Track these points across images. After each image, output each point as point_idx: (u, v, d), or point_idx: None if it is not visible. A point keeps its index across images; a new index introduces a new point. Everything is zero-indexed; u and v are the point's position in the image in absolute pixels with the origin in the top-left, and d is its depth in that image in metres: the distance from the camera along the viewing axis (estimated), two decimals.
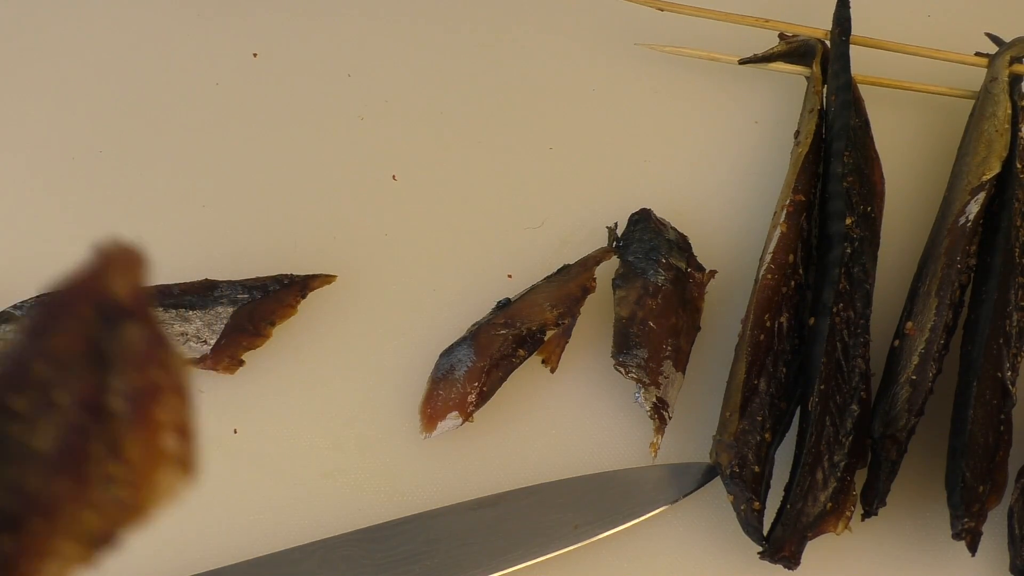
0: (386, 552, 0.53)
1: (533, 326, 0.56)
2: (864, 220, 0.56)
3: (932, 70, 0.65)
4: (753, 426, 0.54)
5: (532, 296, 0.58)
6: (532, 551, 0.53)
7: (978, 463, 0.52)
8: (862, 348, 0.54)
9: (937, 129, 0.65)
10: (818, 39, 0.63)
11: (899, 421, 0.53)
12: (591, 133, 0.66)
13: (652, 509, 0.55)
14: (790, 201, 0.57)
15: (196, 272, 0.59)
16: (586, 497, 0.55)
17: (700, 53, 0.65)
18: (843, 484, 0.52)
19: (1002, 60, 0.61)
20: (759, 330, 0.55)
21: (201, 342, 0.56)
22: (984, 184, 0.57)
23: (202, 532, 0.55)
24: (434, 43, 0.68)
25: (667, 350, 0.56)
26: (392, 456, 0.57)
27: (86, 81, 0.66)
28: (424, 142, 0.65)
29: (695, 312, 0.58)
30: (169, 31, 0.68)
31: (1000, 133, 0.58)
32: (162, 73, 0.67)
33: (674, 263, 0.58)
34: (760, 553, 0.53)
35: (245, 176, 0.64)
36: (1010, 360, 0.54)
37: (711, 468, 0.55)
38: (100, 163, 0.64)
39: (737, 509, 0.53)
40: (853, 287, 0.55)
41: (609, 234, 0.60)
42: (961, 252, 0.55)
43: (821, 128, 0.60)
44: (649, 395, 0.55)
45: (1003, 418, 0.53)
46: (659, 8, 0.64)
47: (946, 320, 0.54)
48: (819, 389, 0.53)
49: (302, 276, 0.59)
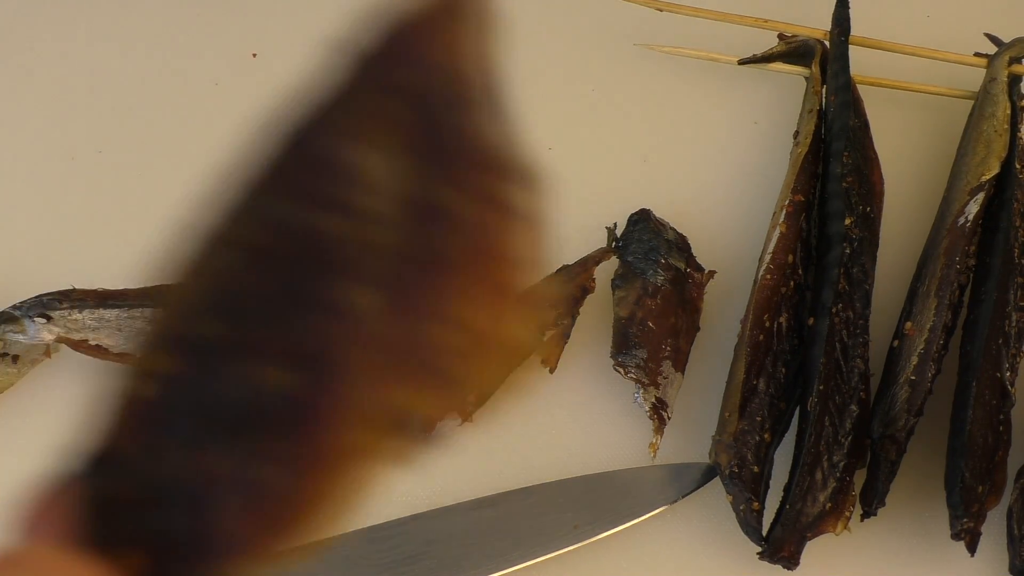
0: (386, 552, 0.53)
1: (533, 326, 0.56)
2: (863, 220, 0.56)
3: (931, 70, 0.65)
4: (752, 426, 0.54)
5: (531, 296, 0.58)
6: (532, 551, 0.53)
7: (977, 463, 0.52)
8: (861, 348, 0.54)
9: (937, 129, 0.65)
10: (817, 39, 0.63)
11: (898, 421, 0.53)
12: (591, 133, 0.66)
13: (652, 509, 0.55)
14: (789, 201, 0.57)
15: None
16: (586, 497, 0.55)
17: (700, 53, 0.65)
18: (842, 484, 0.52)
19: (1001, 60, 0.61)
20: (758, 330, 0.55)
21: None
22: (983, 184, 0.57)
23: None
24: None
25: (666, 350, 0.56)
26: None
27: (86, 81, 0.66)
28: None
29: (694, 312, 0.58)
30: (169, 31, 0.68)
31: (999, 133, 0.58)
32: (162, 73, 0.67)
33: (673, 263, 0.58)
34: (759, 553, 0.53)
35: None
36: (1009, 360, 0.54)
37: (711, 468, 0.55)
38: (100, 163, 0.64)
39: (736, 509, 0.53)
40: (852, 287, 0.55)
41: (608, 234, 0.60)
42: (960, 252, 0.55)
43: (820, 128, 0.60)
44: (648, 395, 0.55)
45: (1002, 418, 0.53)
46: (659, 8, 0.64)
47: (945, 320, 0.54)
48: (818, 389, 0.53)
49: None
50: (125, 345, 0.56)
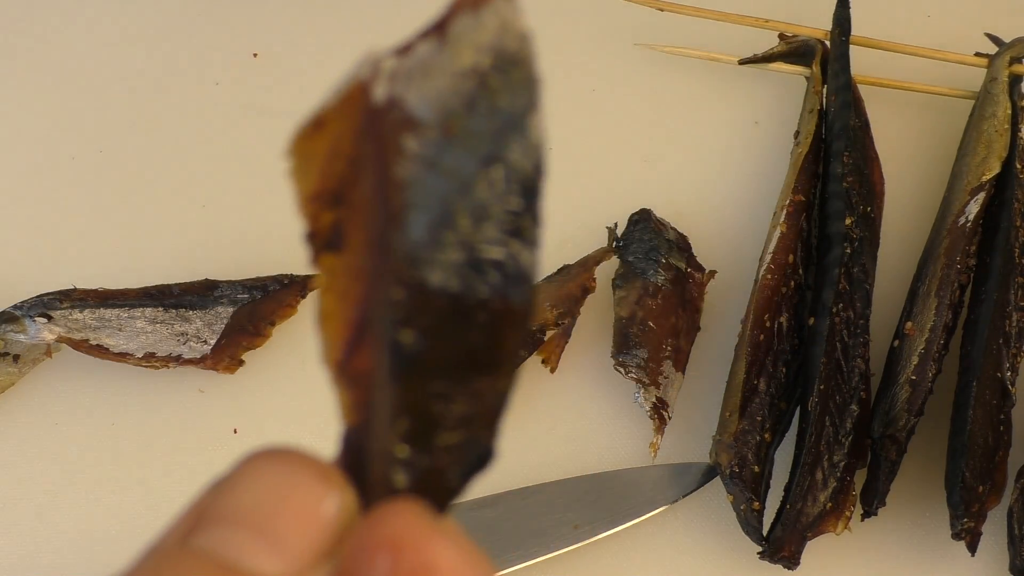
0: None
1: (533, 326, 0.56)
2: (864, 220, 0.56)
3: (932, 70, 0.65)
4: (753, 426, 0.54)
5: None
6: (532, 551, 0.53)
7: (978, 463, 0.52)
8: (862, 348, 0.54)
9: (937, 129, 0.65)
10: (818, 39, 0.63)
11: (899, 421, 0.53)
12: (591, 133, 0.66)
13: (652, 509, 0.55)
14: (790, 201, 0.57)
15: (196, 272, 0.59)
16: (586, 497, 0.55)
17: (700, 53, 0.65)
18: (843, 484, 0.52)
19: (1002, 60, 0.61)
20: (759, 330, 0.55)
21: (201, 342, 0.57)
22: (984, 184, 0.57)
23: None
24: None
25: (667, 350, 0.56)
26: None
27: (86, 81, 0.66)
28: None
29: (695, 312, 0.58)
30: (169, 31, 0.68)
31: (1000, 133, 0.58)
32: (162, 73, 0.66)
33: (674, 263, 0.58)
34: (760, 553, 0.53)
35: (245, 176, 0.64)
36: (1010, 360, 0.54)
37: (711, 468, 0.55)
38: (100, 163, 0.64)
39: (737, 509, 0.53)
40: (853, 287, 0.55)
41: (609, 234, 0.60)
42: (961, 252, 0.55)
43: (821, 128, 0.60)
44: (649, 395, 0.55)
45: (1003, 418, 0.53)
46: (659, 8, 0.64)
47: (946, 320, 0.54)
48: (819, 389, 0.53)
49: (302, 276, 0.59)
50: (126, 345, 0.56)
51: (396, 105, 0.23)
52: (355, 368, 0.25)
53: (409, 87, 0.23)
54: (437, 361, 0.24)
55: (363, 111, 0.23)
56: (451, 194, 0.23)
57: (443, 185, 0.23)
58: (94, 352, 0.56)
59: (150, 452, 0.57)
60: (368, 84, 0.23)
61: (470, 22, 0.23)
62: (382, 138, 0.23)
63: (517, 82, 0.23)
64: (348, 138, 0.24)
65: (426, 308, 0.23)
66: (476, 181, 0.23)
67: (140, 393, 0.58)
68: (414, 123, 0.23)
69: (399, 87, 0.23)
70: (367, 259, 0.24)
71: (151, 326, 0.56)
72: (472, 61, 0.23)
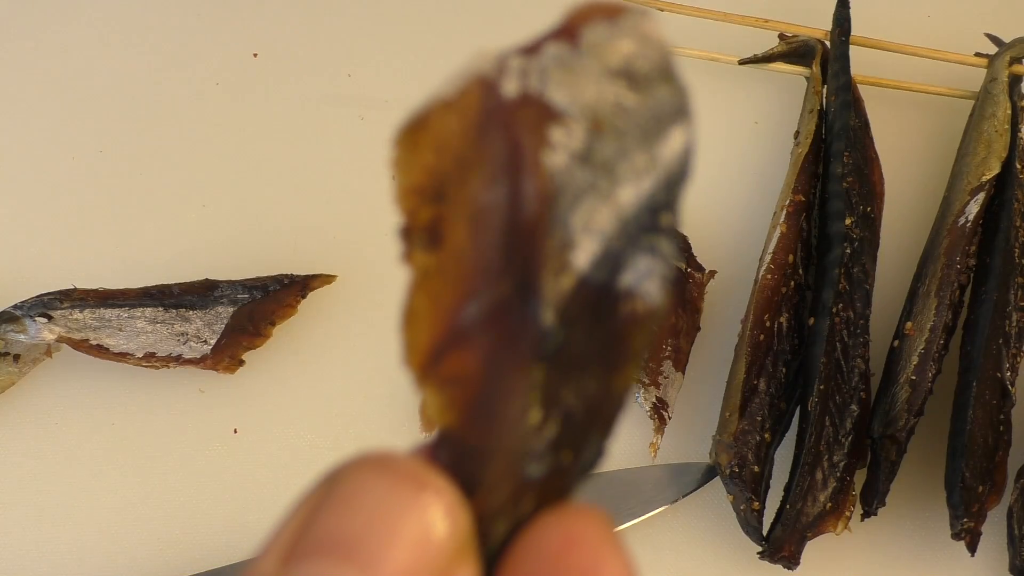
0: None
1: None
2: (864, 220, 0.56)
3: (932, 70, 0.65)
4: (753, 426, 0.54)
5: None
6: None
7: (978, 463, 0.52)
8: (862, 348, 0.54)
9: (937, 129, 0.65)
10: (818, 39, 0.63)
11: (899, 421, 0.53)
12: None
13: (652, 509, 0.55)
14: (790, 201, 0.57)
15: (196, 272, 0.59)
16: (585, 497, 0.55)
17: (700, 53, 0.65)
18: (843, 484, 0.52)
19: (1002, 60, 0.61)
20: (759, 330, 0.55)
21: (201, 342, 0.57)
22: (984, 184, 0.57)
23: (202, 532, 0.55)
24: (434, 43, 0.68)
25: (667, 350, 0.56)
26: None
27: (86, 81, 0.66)
28: None
29: (695, 312, 0.58)
30: (169, 31, 0.68)
31: (1000, 133, 0.58)
32: (162, 73, 0.67)
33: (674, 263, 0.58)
34: (760, 553, 0.53)
35: (245, 176, 0.64)
36: (1010, 360, 0.54)
37: (711, 468, 0.55)
38: (100, 163, 0.64)
39: (737, 509, 0.53)
40: (853, 287, 0.55)
41: None
42: (961, 252, 0.55)
43: (821, 128, 0.60)
44: (649, 395, 0.55)
45: (1002, 418, 0.53)
46: (659, 8, 0.64)
47: (946, 320, 0.54)
48: (819, 389, 0.53)
49: (302, 276, 0.59)
50: (126, 345, 0.56)
51: (533, 100, 0.23)
52: (449, 370, 0.24)
53: (547, 84, 0.23)
54: (576, 355, 0.23)
55: (484, 106, 0.23)
56: (598, 185, 0.23)
57: (590, 177, 0.23)
58: (94, 352, 0.56)
59: (150, 452, 0.57)
60: (493, 80, 0.23)
61: (606, 30, 0.23)
62: (516, 131, 0.23)
63: (664, 88, 0.23)
64: (459, 134, 0.24)
65: (573, 298, 0.23)
66: (624, 176, 0.23)
67: (140, 393, 0.58)
68: (559, 116, 0.23)
69: (535, 83, 0.23)
70: (479, 257, 0.24)
71: (151, 326, 0.56)
72: (617, 65, 0.23)
